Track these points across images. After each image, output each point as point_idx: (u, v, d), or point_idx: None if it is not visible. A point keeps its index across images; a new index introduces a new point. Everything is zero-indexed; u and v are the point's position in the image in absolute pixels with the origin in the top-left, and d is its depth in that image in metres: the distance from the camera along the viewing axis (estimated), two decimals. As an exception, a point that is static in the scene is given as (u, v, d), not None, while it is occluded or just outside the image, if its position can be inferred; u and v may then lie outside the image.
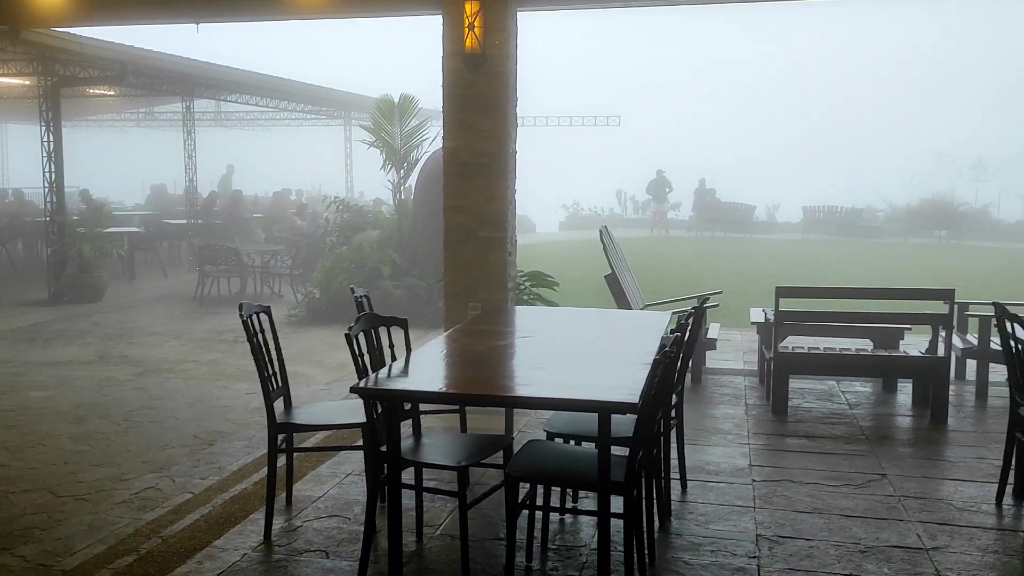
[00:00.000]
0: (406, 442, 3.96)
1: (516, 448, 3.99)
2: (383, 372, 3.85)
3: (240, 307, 4.29)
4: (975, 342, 6.90)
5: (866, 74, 49.39)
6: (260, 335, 4.29)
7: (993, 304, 4.72)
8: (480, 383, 3.81)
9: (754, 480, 4.99)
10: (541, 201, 29.04)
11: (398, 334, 4.40)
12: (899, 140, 44.72)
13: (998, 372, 6.60)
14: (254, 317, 4.31)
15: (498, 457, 4.03)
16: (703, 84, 51.58)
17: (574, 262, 15.52)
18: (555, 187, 31.01)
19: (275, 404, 4.34)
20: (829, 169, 42.79)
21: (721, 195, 27.51)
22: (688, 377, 7.23)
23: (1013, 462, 4.67)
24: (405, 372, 3.91)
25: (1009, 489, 4.70)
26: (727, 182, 28.61)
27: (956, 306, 6.79)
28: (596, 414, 3.41)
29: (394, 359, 4.22)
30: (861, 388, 7.19)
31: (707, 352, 7.67)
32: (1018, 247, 22.52)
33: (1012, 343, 4.39)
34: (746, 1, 8.07)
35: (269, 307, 4.51)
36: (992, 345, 6.70)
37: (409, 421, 4.31)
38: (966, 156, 35.07)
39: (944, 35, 46.21)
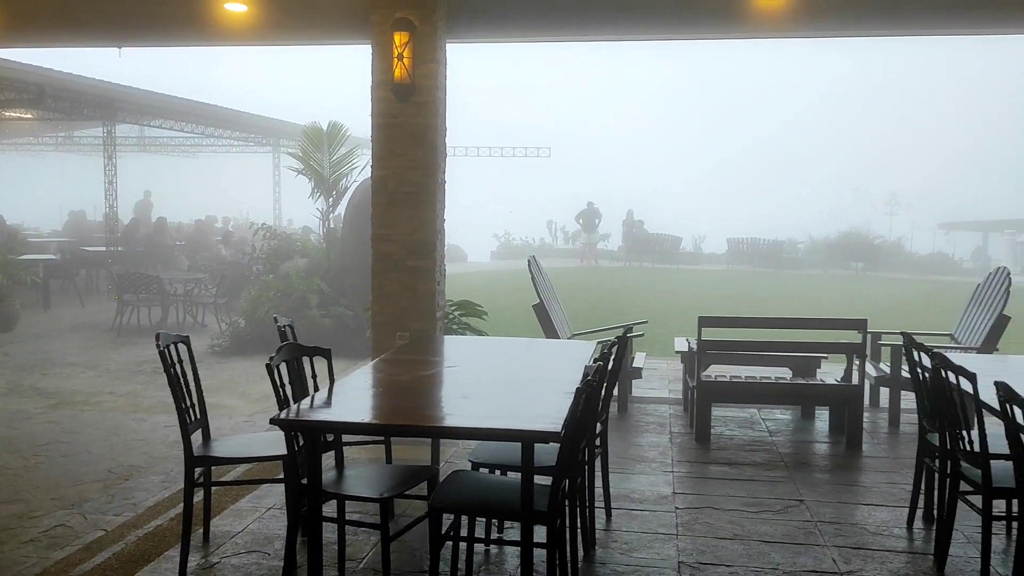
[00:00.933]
0: (328, 474, 3.90)
1: (442, 479, 3.96)
2: (305, 403, 3.80)
3: (157, 337, 4.19)
4: (888, 370, 7.15)
5: (788, 111, 51.17)
6: (178, 366, 4.19)
7: (902, 334, 4.90)
8: (404, 413, 3.78)
9: (677, 508, 5.05)
10: (473, 231, 29.16)
11: (322, 364, 4.35)
12: (818, 175, 46.38)
13: (910, 399, 6.84)
14: (172, 347, 4.21)
15: (424, 488, 4.00)
16: (633, 117, 52.69)
17: (505, 291, 15.59)
18: (487, 217, 31.18)
19: (193, 437, 4.23)
20: (753, 202, 44.03)
21: (649, 226, 28.05)
22: (614, 406, 7.31)
23: (923, 487, 4.83)
24: (328, 403, 3.86)
25: (919, 513, 4.86)
26: (655, 213, 29.21)
27: (869, 336, 7.04)
28: (520, 443, 3.42)
29: (317, 389, 4.16)
30: (781, 415, 7.37)
31: (633, 381, 7.77)
32: (929, 278, 23.48)
33: (919, 372, 4.57)
34: (669, 38, 8.30)
35: (188, 337, 4.41)
36: (903, 373, 6.95)
37: (332, 453, 4.25)
38: (881, 191, 36.53)
39: (860, 75, 48.25)
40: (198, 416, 4.35)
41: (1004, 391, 3.39)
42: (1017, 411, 3.39)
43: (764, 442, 6.55)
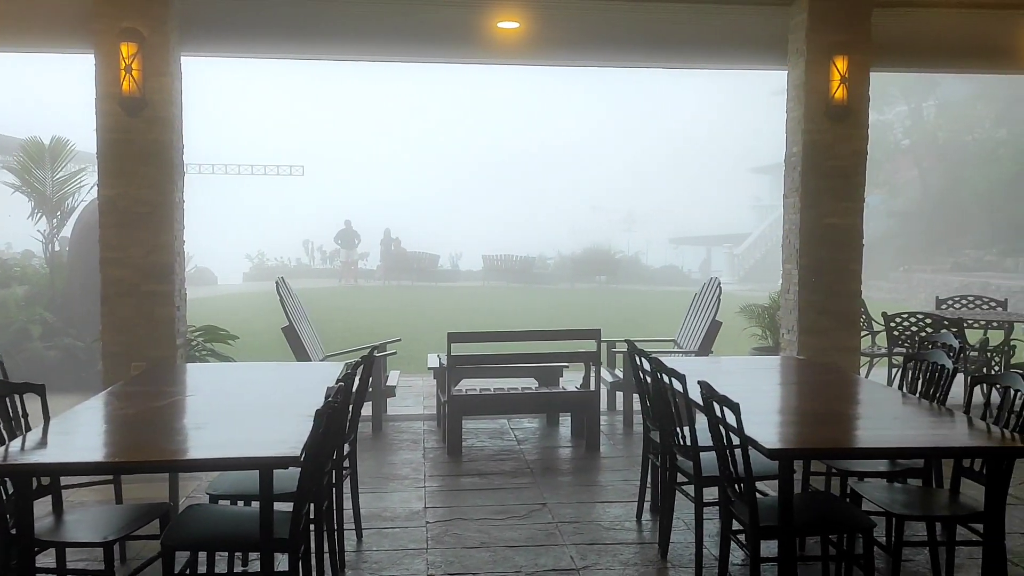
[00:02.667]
0: (44, 521, 3.58)
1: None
2: (14, 444, 3.46)
3: None
4: (622, 375, 7.72)
5: (536, 131, 53.74)
6: None
7: (627, 341, 5.33)
8: (130, 448, 3.56)
9: (428, 522, 5.14)
10: (224, 252, 27.86)
11: (36, 402, 3.98)
12: (564, 194, 49.10)
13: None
14: None
15: (158, 526, 3.78)
16: (389, 136, 52.91)
17: (258, 314, 15.03)
18: (239, 238, 29.92)
19: None
20: (506, 220, 45.71)
21: (407, 244, 28.27)
22: (368, 425, 7.30)
23: (649, 482, 5.27)
24: (42, 443, 3.54)
25: (647, 506, 5.29)
26: (412, 232, 29.50)
27: (605, 344, 7.57)
28: (258, 471, 3.33)
29: (29, 429, 3.80)
30: (529, 424, 7.71)
31: (387, 399, 7.79)
32: (664, 289, 25.57)
33: (641, 376, 4.99)
34: (410, 60, 8.48)
35: None
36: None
37: (49, 497, 3.89)
38: (619, 209, 39.33)
39: (600, 101, 51.73)
40: None
41: (706, 390, 3.80)
42: (721, 408, 3.81)
43: (513, 451, 6.83)
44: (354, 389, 4.46)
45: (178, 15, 6.71)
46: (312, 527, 3.87)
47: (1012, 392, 3.87)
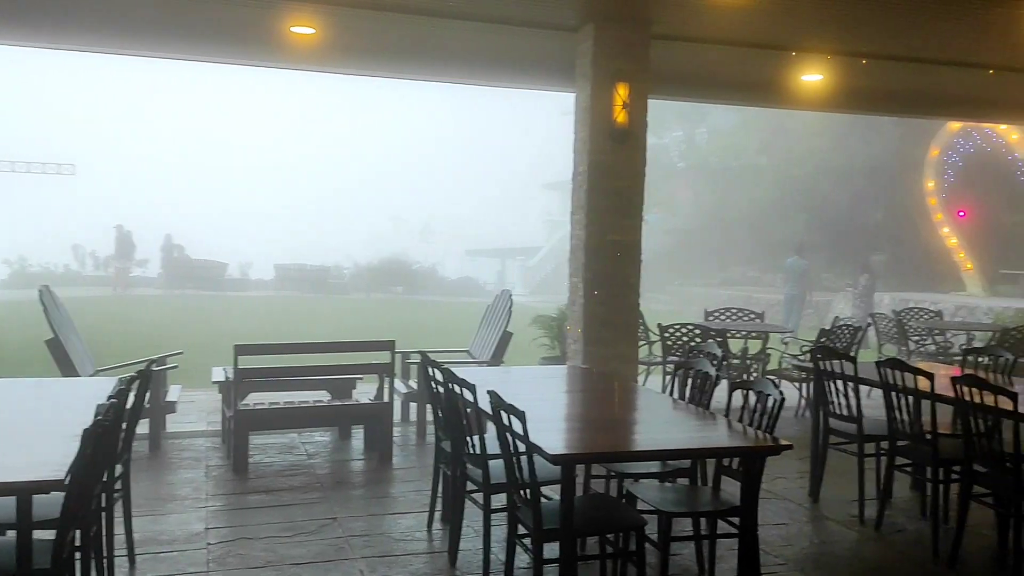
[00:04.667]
0: None
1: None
2: None
3: None
4: (416, 387, 7.75)
5: (335, 140, 52.82)
6: None
7: (420, 352, 5.38)
8: None
9: (209, 544, 4.91)
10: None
11: None
12: (362, 204, 48.64)
13: (434, 412, 7.50)
14: None
15: None
16: (169, 138, 50.01)
17: (19, 326, 13.72)
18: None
19: None
20: (300, 228, 44.56)
21: (191, 252, 26.84)
22: (144, 444, 6.87)
23: (439, 491, 5.33)
24: None
25: (438, 515, 5.34)
26: (197, 239, 28.04)
27: (399, 355, 7.57)
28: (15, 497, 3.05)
29: None
30: (320, 438, 7.56)
31: (167, 416, 7.37)
32: (459, 300, 25.94)
33: (434, 386, 5.05)
34: (206, 60, 8.12)
35: None
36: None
37: None
38: (417, 220, 39.48)
39: (400, 113, 51.71)
40: None
41: (495, 399, 3.91)
42: (509, 416, 3.93)
43: (303, 465, 6.67)
44: (128, 405, 4.19)
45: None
46: (79, 555, 3.59)
47: (765, 396, 4.28)
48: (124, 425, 4.25)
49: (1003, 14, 7.00)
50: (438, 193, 48.87)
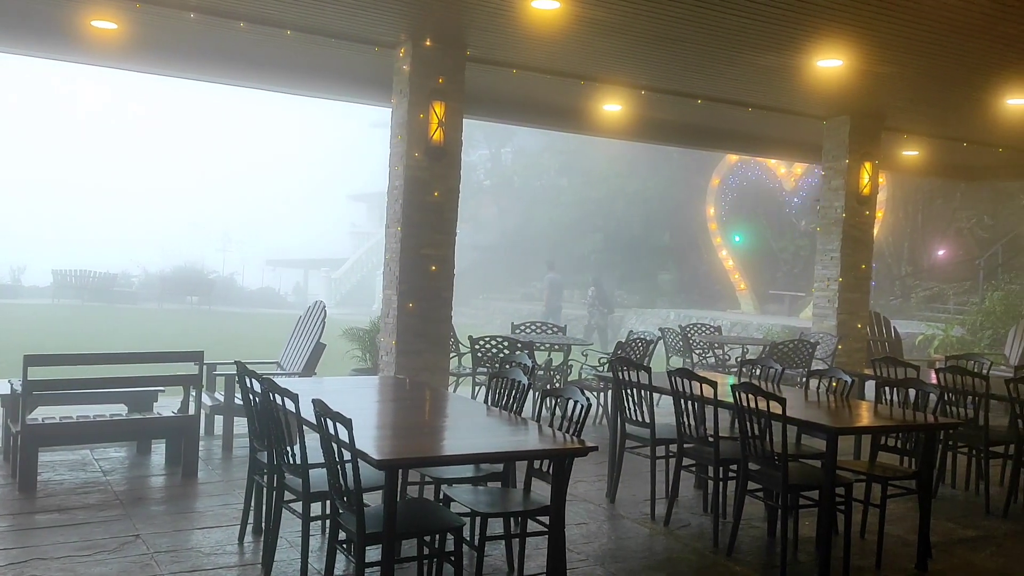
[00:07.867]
0: None
1: None
2: None
3: None
4: (222, 399, 7.54)
5: (121, 142, 49.49)
6: None
7: (236, 363, 5.30)
8: None
9: (-3, 567, 4.59)
10: None
11: None
12: (156, 209, 45.92)
13: (241, 424, 7.33)
14: None
15: None
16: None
17: None
18: None
19: None
20: (82, 233, 41.42)
21: (-47, 254, 24.26)
22: (-88, 464, 6.24)
23: (252, 503, 5.26)
24: None
25: (250, 528, 5.27)
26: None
27: (205, 367, 7.34)
28: None
29: None
30: (116, 453, 7.17)
31: (-63, 433, 6.72)
32: (260, 311, 25.15)
33: (251, 396, 5.00)
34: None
35: None
36: (236, 400, 7.41)
37: None
38: (215, 227, 37.81)
39: (199, 117, 49.34)
40: None
41: (320, 407, 3.97)
42: (335, 424, 4.00)
43: (98, 482, 6.31)
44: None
45: None
46: None
47: (572, 403, 4.62)
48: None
49: (774, 60, 7.90)
50: (238, 200, 47.05)
